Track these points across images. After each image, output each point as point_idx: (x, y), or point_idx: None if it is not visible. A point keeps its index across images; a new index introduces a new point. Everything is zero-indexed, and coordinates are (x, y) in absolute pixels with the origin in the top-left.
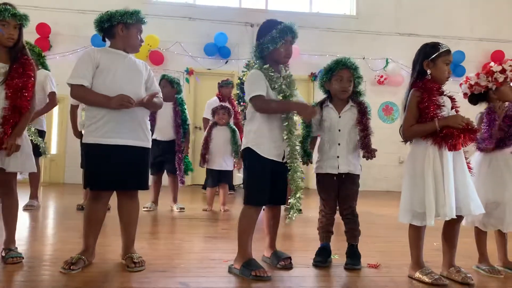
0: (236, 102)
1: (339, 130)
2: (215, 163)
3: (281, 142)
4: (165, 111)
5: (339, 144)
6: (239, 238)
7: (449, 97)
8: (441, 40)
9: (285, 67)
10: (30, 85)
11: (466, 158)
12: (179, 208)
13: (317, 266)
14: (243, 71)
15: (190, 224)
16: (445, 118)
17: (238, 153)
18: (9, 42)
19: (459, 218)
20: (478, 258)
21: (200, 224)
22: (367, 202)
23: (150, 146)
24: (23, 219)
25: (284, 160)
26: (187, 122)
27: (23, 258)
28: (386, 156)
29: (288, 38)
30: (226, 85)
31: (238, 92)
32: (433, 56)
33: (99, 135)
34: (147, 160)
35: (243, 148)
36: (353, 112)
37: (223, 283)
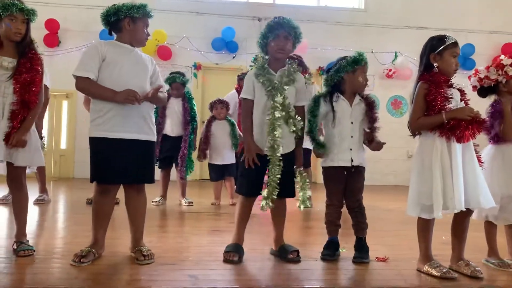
0: None
1: (352, 123)
2: (218, 158)
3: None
4: (175, 107)
5: (352, 137)
6: (235, 223)
7: (459, 90)
8: (450, 33)
9: (292, 63)
10: (38, 80)
11: (477, 152)
12: (188, 202)
13: (325, 260)
14: (251, 66)
15: (199, 218)
16: (453, 111)
17: (238, 147)
18: (17, 37)
19: (469, 212)
20: (488, 252)
21: (208, 218)
22: (375, 197)
23: (155, 140)
24: (34, 213)
25: (264, 154)
26: (196, 119)
27: (34, 251)
28: (395, 150)
29: (281, 33)
30: None
31: None
32: (440, 49)
33: (105, 129)
34: (153, 154)
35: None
36: (362, 106)
37: (231, 276)
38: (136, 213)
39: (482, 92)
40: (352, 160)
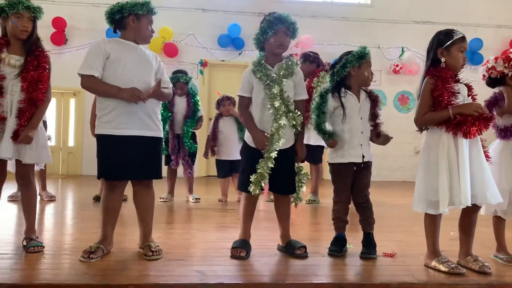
0: None
1: (361, 118)
2: (226, 154)
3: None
4: (180, 106)
5: (362, 132)
6: (241, 220)
7: (466, 85)
8: (458, 28)
9: (290, 57)
10: (45, 78)
11: (484, 147)
12: (195, 199)
13: (333, 255)
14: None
15: (206, 214)
16: (459, 106)
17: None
18: (23, 35)
19: (476, 207)
20: (496, 247)
21: (216, 214)
22: (383, 192)
23: (162, 136)
24: (43, 210)
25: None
26: (198, 113)
27: (44, 247)
28: (402, 146)
29: (280, 28)
30: None
31: None
32: (447, 44)
33: (111, 126)
34: (159, 150)
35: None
36: (368, 102)
37: (238, 271)
38: (145, 209)
39: (491, 83)
40: (364, 156)
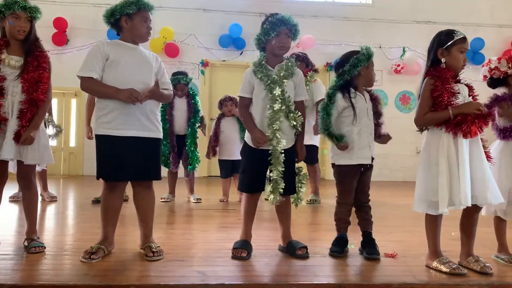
0: None
1: (369, 119)
2: (228, 154)
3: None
4: (180, 107)
5: (370, 134)
6: (242, 220)
7: (466, 85)
8: (460, 27)
9: (290, 58)
10: (45, 78)
11: (485, 147)
12: (196, 199)
13: (334, 256)
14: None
15: (207, 215)
16: (459, 106)
17: None
18: (20, 35)
19: (477, 208)
20: (497, 248)
21: (217, 215)
22: (384, 193)
23: (161, 136)
24: (44, 211)
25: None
26: (199, 114)
27: (45, 248)
28: (403, 146)
29: (283, 30)
30: None
31: None
32: (448, 45)
33: (109, 127)
34: (158, 151)
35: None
36: (370, 102)
37: (239, 272)
38: (145, 210)
39: (493, 83)
40: (373, 158)
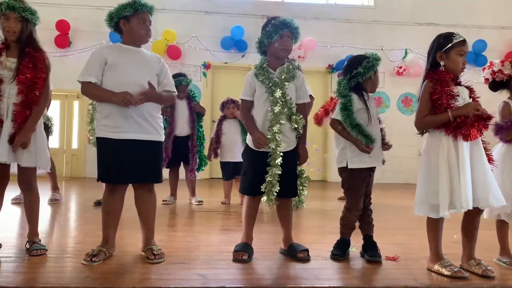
0: None
1: (377, 123)
2: (229, 156)
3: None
4: (181, 108)
5: (380, 137)
6: (243, 223)
7: (467, 87)
8: (462, 29)
9: (291, 61)
10: (41, 79)
11: (487, 150)
12: (197, 201)
13: (335, 259)
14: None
15: (208, 217)
16: (458, 108)
17: None
18: (11, 36)
19: (479, 211)
20: (499, 251)
21: (218, 217)
22: (386, 195)
23: (162, 139)
24: (46, 213)
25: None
26: (201, 115)
27: (47, 250)
28: (405, 148)
29: (285, 33)
30: None
31: None
32: (446, 48)
33: (108, 130)
34: (158, 154)
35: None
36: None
37: (240, 275)
38: (146, 213)
39: (494, 86)
40: (384, 161)
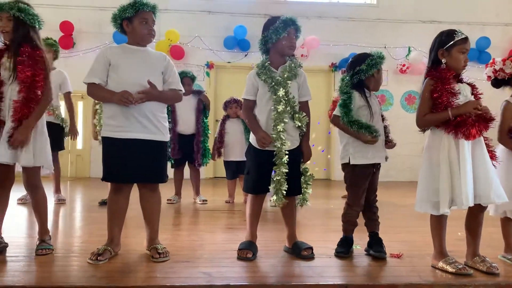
0: None
1: (380, 120)
2: (233, 155)
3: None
4: (186, 104)
5: (382, 134)
6: (247, 221)
7: (469, 84)
8: (465, 27)
9: (292, 59)
10: (41, 76)
11: (490, 146)
12: (202, 200)
13: (339, 257)
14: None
15: (213, 216)
16: (458, 107)
17: None
18: (4, 35)
19: (482, 207)
20: (504, 248)
21: (222, 216)
22: (390, 193)
23: (165, 139)
24: (51, 213)
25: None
26: (207, 114)
27: (53, 250)
28: (409, 146)
29: (291, 30)
30: None
31: None
32: (448, 45)
33: (111, 129)
34: (162, 153)
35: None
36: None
37: (245, 273)
38: (151, 212)
39: (497, 83)
40: (387, 157)
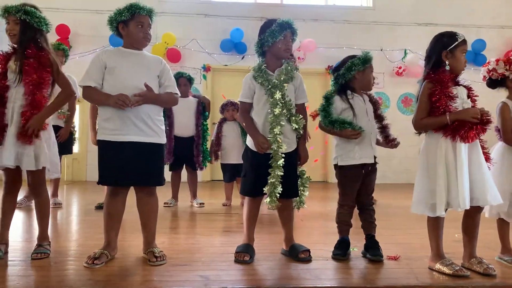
0: None
1: (369, 120)
2: (230, 158)
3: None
4: (183, 107)
5: (371, 133)
6: (244, 224)
7: (465, 87)
8: (461, 29)
9: (289, 62)
10: (47, 78)
11: (485, 148)
12: (199, 204)
13: (337, 259)
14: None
15: (210, 219)
16: (457, 112)
17: None
18: (12, 38)
19: (479, 208)
20: (501, 249)
21: (220, 219)
22: (387, 195)
23: (162, 142)
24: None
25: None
26: (206, 117)
27: (49, 254)
28: (406, 148)
29: (287, 33)
30: None
31: None
32: (452, 47)
33: (106, 133)
34: (159, 156)
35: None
36: (369, 104)
37: (242, 276)
38: (148, 216)
39: (492, 84)
40: (375, 157)
